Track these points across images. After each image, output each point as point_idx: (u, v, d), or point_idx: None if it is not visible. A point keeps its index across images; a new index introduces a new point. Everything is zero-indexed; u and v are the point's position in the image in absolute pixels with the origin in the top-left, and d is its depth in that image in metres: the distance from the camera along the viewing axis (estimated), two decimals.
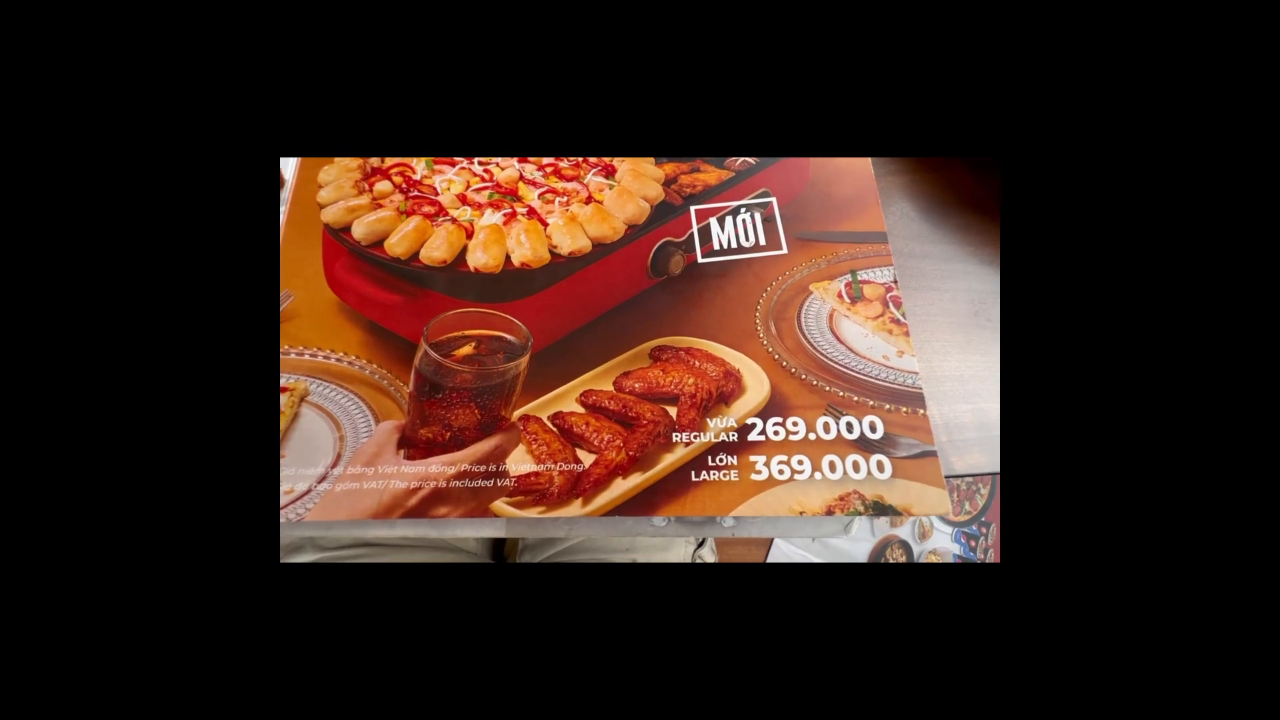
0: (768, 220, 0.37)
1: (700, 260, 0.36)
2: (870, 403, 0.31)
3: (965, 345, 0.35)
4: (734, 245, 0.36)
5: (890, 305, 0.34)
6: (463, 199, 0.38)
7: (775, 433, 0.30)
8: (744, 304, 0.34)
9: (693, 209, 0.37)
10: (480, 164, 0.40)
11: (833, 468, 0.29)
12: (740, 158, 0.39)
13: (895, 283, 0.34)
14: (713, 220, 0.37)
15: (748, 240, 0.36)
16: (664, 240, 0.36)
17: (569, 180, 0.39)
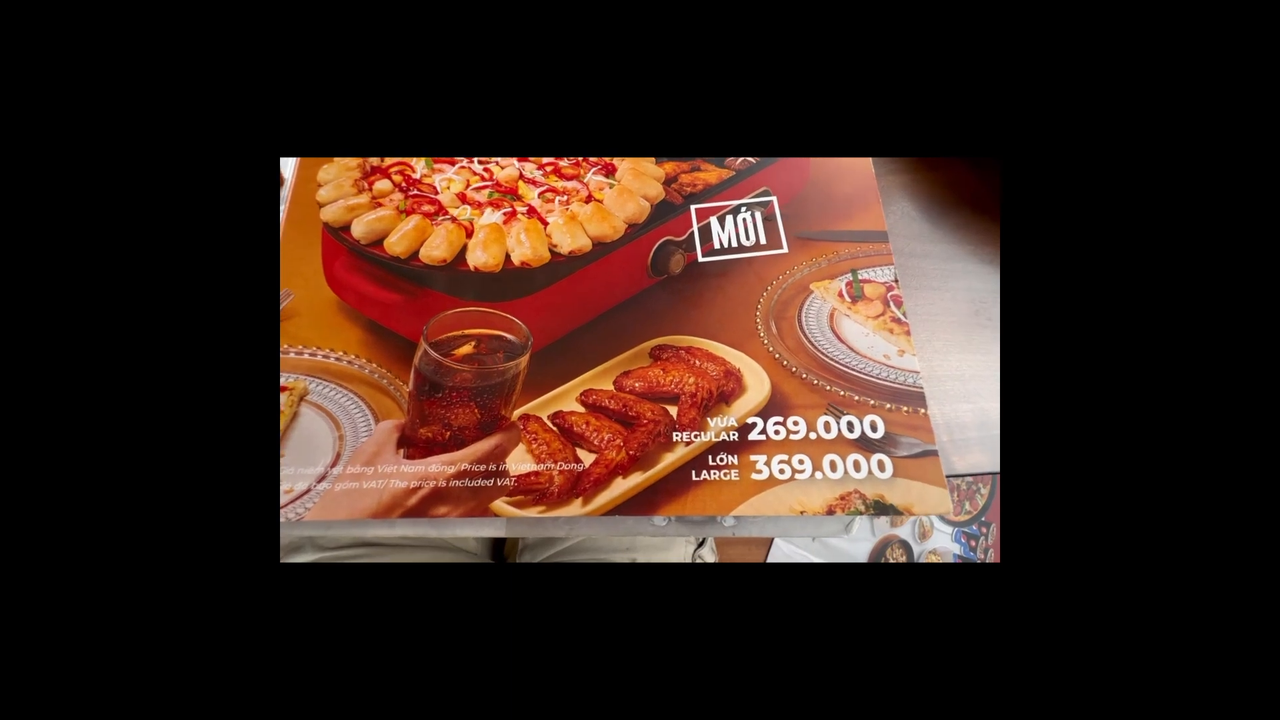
0: (768, 219, 0.37)
1: (700, 259, 0.36)
2: (871, 402, 0.31)
3: (966, 345, 0.35)
4: (734, 244, 0.36)
5: (891, 304, 0.34)
6: (462, 198, 0.38)
7: (776, 432, 0.30)
8: (744, 303, 0.34)
9: (693, 208, 0.37)
10: (480, 163, 0.39)
11: (833, 467, 0.29)
12: (741, 157, 0.38)
13: (896, 282, 0.34)
14: (713, 219, 0.37)
15: (748, 239, 0.36)
16: (664, 239, 0.36)
17: (569, 179, 0.39)
